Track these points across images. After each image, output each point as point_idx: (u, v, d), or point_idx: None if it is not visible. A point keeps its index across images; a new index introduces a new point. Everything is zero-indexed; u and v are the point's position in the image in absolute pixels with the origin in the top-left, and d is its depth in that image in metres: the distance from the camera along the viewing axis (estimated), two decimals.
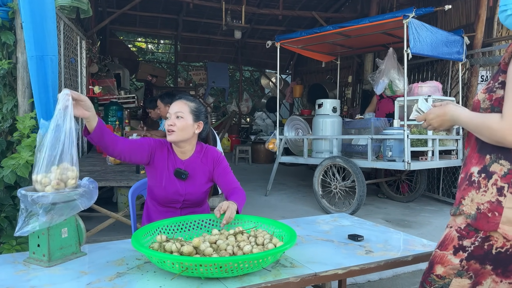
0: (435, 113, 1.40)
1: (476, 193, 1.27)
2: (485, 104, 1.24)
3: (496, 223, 1.21)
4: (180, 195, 2.00)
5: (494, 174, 1.24)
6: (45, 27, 2.39)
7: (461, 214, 1.31)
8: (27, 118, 2.38)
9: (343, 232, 2.00)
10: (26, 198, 1.50)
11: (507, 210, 1.20)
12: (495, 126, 1.18)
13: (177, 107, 1.99)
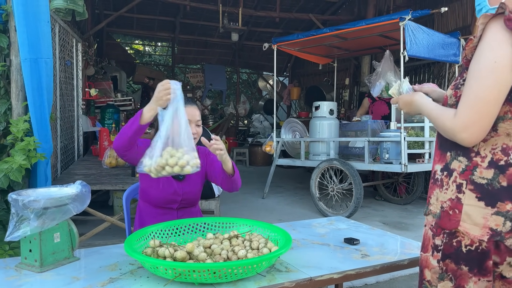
0: (404, 99, 1.42)
1: (439, 191, 1.27)
2: (452, 100, 1.24)
3: (457, 221, 1.20)
4: (178, 195, 1.98)
5: (454, 171, 1.24)
6: (39, 30, 2.38)
7: (430, 214, 1.31)
8: (21, 121, 2.36)
9: (339, 235, 1.98)
10: (17, 202, 1.48)
11: (466, 207, 1.19)
12: (448, 122, 1.18)
13: (197, 115, 1.99)
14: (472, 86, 1.12)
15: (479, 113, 1.11)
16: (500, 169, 1.15)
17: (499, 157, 1.16)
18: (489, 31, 1.11)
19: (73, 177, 3.39)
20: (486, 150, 1.18)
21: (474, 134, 1.14)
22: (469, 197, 1.19)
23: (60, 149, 3.90)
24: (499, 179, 1.15)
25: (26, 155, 2.28)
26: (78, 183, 1.67)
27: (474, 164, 1.19)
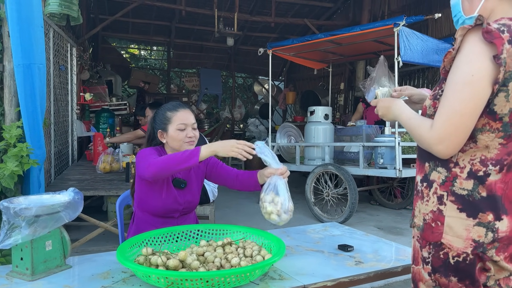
0: (383, 103, 1.39)
1: (421, 203, 1.26)
2: (430, 111, 1.23)
3: (439, 233, 1.19)
4: (179, 204, 1.96)
5: (433, 182, 1.22)
6: (33, 35, 2.37)
7: (414, 226, 1.29)
8: (14, 127, 2.34)
9: (333, 242, 1.98)
10: (8, 210, 1.47)
11: (448, 219, 1.17)
12: (425, 134, 1.18)
13: (191, 118, 1.98)
14: (449, 98, 1.12)
15: (455, 125, 1.11)
16: (479, 179, 1.14)
17: (477, 168, 1.15)
18: (467, 44, 1.11)
19: (67, 182, 3.37)
20: (465, 161, 1.17)
21: (449, 146, 1.13)
22: (450, 208, 1.17)
23: (54, 154, 3.87)
24: (479, 189, 1.14)
25: (18, 161, 2.26)
26: (71, 190, 1.66)
27: (454, 175, 1.18)
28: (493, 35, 1.06)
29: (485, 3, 1.19)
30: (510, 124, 1.12)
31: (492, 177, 1.14)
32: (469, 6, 1.23)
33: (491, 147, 1.14)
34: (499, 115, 1.11)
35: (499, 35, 1.06)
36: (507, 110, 1.10)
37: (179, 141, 1.93)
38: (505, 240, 1.14)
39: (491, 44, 1.07)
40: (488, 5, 1.19)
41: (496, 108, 1.10)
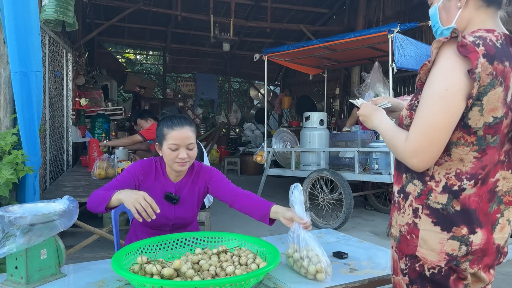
0: (364, 111, 1.38)
1: (398, 214, 1.26)
2: (407, 121, 1.22)
3: (414, 246, 1.19)
4: (169, 220, 1.95)
5: (409, 194, 1.22)
6: (29, 42, 2.38)
7: (391, 236, 1.30)
8: (9, 134, 2.34)
9: (328, 249, 1.98)
10: (3, 219, 1.47)
11: (423, 232, 1.17)
12: (400, 146, 1.18)
13: (187, 138, 1.87)
14: (423, 112, 1.12)
15: (429, 139, 1.10)
16: (453, 194, 1.14)
17: (453, 182, 1.14)
18: (442, 57, 1.10)
19: (62, 189, 3.36)
20: (441, 175, 1.16)
21: (423, 159, 1.13)
22: (425, 222, 1.17)
23: (49, 160, 3.87)
24: (453, 203, 1.14)
25: (13, 169, 2.26)
26: (66, 198, 1.66)
27: (429, 188, 1.17)
28: (468, 49, 1.06)
29: (462, 14, 1.19)
30: (485, 138, 1.11)
31: (466, 192, 1.13)
32: (446, 16, 1.23)
33: (466, 160, 1.13)
34: (474, 129, 1.10)
35: (474, 49, 1.06)
36: (482, 124, 1.10)
37: (169, 160, 1.87)
38: (479, 252, 1.15)
39: (465, 58, 1.06)
40: (465, 15, 1.19)
41: (470, 122, 1.10)
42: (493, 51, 1.07)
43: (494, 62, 1.06)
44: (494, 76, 1.06)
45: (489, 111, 1.08)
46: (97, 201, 1.69)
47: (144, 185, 1.93)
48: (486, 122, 1.09)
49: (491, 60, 1.06)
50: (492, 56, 1.06)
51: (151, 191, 1.92)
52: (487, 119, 1.09)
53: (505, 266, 3.79)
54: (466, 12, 1.18)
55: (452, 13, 1.21)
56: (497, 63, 1.07)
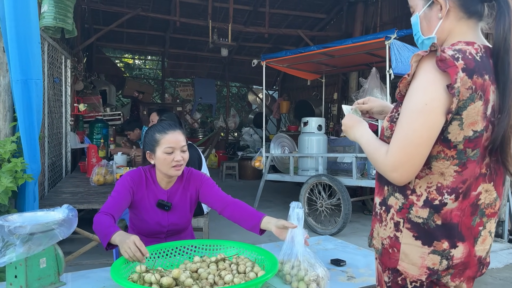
0: (347, 122, 1.38)
1: (379, 226, 1.25)
2: (388, 133, 1.21)
3: (396, 260, 1.18)
4: (163, 227, 1.96)
5: (391, 207, 1.21)
6: (30, 51, 2.40)
7: (373, 247, 1.29)
8: (8, 142, 2.35)
9: (326, 256, 2.00)
10: (3, 228, 1.48)
11: (404, 246, 1.17)
12: (380, 160, 1.17)
13: (181, 141, 1.92)
14: (403, 126, 1.11)
15: (409, 154, 1.10)
16: (434, 208, 1.13)
17: (434, 197, 1.13)
18: (422, 71, 1.09)
19: (60, 195, 3.37)
20: (422, 188, 1.15)
21: (404, 174, 1.12)
22: (406, 236, 1.16)
23: (47, 166, 3.87)
24: (434, 218, 1.13)
25: (12, 177, 2.27)
26: (65, 207, 1.67)
27: (410, 202, 1.16)
28: (447, 64, 1.04)
29: (443, 24, 1.18)
30: (465, 152, 1.10)
31: (448, 206, 1.12)
32: (427, 26, 1.22)
33: (446, 174, 1.12)
34: (454, 143, 1.10)
35: (453, 63, 1.05)
36: (461, 138, 1.09)
37: (166, 165, 1.89)
38: (460, 266, 1.15)
39: (445, 73, 1.05)
40: (446, 26, 1.18)
41: (450, 136, 1.09)
42: (473, 65, 1.07)
43: (474, 76, 1.05)
44: (473, 90, 1.05)
45: (469, 125, 1.08)
46: (100, 234, 1.70)
47: (137, 195, 1.95)
48: (466, 136, 1.09)
49: (471, 74, 1.05)
50: (472, 70, 1.06)
51: (144, 200, 1.95)
52: (467, 133, 1.08)
53: (502, 271, 3.81)
54: (447, 23, 1.17)
55: (433, 23, 1.20)
56: (476, 77, 1.06)
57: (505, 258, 4.13)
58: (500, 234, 4.87)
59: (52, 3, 3.75)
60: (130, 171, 2.02)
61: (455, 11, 1.16)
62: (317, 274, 1.52)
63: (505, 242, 4.65)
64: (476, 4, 1.15)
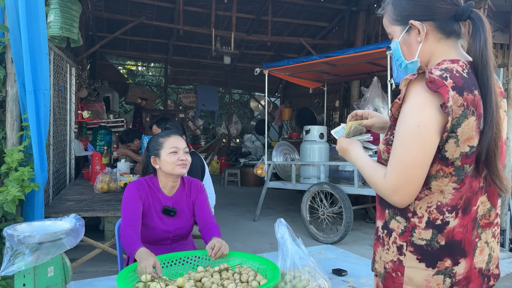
0: (342, 145, 1.38)
1: (382, 250, 1.24)
2: (385, 156, 1.21)
3: (400, 283, 1.18)
4: (169, 233, 2.02)
5: (393, 231, 1.20)
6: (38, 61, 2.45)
7: (375, 271, 1.29)
8: (15, 151, 2.40)
9: (327, 266, 2.03)
10: (12, 237, 1.51)
11: (408, 270, 1.16)
12: (379, 183, 1.17)
13: (183, 143, 2.08)
14: (398, 149, 1.12)
15: (406, 176, 1.10)
16: (437, 228, 1.14)
17: (435, 216, 1.14)
18: (411, 94, 1.11)
19: (65, 203, 3.41)
20: (422, 209, 1.15)
21: (404, 196, 1.13)
22: (410, 259, 1.16)
23: (52, 173, 3.91)
24: (437, 239, 1.14)
25: (20, 185, 2.31)
26: (72, 216, 1.71)
27: (413, 225, 1.16)
28: (437, 84, 1.06)
29: (423, 47, 1.19)
30: (463, 168, 1.12)
31: (450, 224, 1.13)
32: (408, 51, 1.23)
33: (446, 192, 1.13)
34: (451, 160, 1.11)
35: (443, 83, 1.06)
36: (458, 154, 1.10)
37: (171, 164, 2.00)
38: (463, 281, 1.15)
39: (436, 93, 1.06)
40: (427, 49, 1.20)
41: (447, 154, 1.10)
42: (461, 82, 1.08)
43: (464, 93, 1.07)
44: (465, 107, 1.07)
45: (465, 141, 1.09)
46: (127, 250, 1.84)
47: (145, 203, 2.02)
48: (463, 152, 1.10)
49: (461, 92, 1.07)
50: (461, 87, 1.07)
51: (150, 208, 2.02)
52: (464, 149, 1.10)
53: (504, 281, 3.82)
54: (427, 45, 1.19)
55: (413, 47, 1.21)
56: (466, 93, 1.08)
57: (507, 267, 4.14)
58: (501, 243, 4.89)
59: (59, 13, 3.80)
60: (132, 182, 2.09)
61: (433, 33, 1.18)
62: (318, 284, 1.55)
63: (507, 251, 4.66)
64: (452, 24, 1.17)
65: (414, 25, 1.18)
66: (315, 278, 1.57)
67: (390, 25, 1.26)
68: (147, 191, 2.04)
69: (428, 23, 1.17)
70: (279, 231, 1.70)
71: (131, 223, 1.90)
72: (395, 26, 1.24)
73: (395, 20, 1.24)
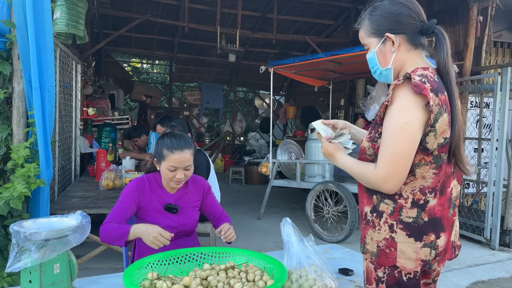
0: (327, 149, 1.53)
1: (373, 231, 1.40)
2: (370, 151, 1.39)
3: (393, 258, 1.35)
4: (173, 228, 2.02)
5: (383, 213, 1.37)
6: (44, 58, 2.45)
7: (367, 252, 1.42)
8: (22, 148, 2.40)
9: (333, 265, 2.01)
10: (18, 234, 1.51)
11: (400, 245, 1.34)
12: (371, 175, 1.34)
13: (186, 161, 1.97)
14: (388, 143, 1.30)
15: (397, 165, 1.29)
16: (421, 207, 1.33)
17: (418, 197, 1.34)
18: (397, 96, 1.29)
19: (70, 200, 3.41)
20: (407, 192, 1.34)
21: (395, 183, 1.31)
22: (400, 235, 1.34)
23: (57, 170, 3.92)
24: (421, 216, 1.33)
25: (26, 182, 2.31)
26: (78, 213, 1.70)
27: (400, 205, 1.35)
28: (420, 87, 1.25)
29: (396, 56, 1.39)
30: (440, 156, 1.33)
31: (430, 203, 1.34)
32: (383, 59, 1.43)
33: (427, 177, 1.33)
34: (431, 150, 1.31)
35: (424, 86, 1.26)
36: (436, 145, 1.30)
37: (166, 179, 2.00)
38: (442, 252, 1.37)
39: (420, 95, 1.25)
40: (399, 57, 1.40)
41: (428, 145, 1.30)
42: (436, 85, 1.29)
43: (438, 94, 1.28)
44: (440, 105, 1.28)
45: (441, 134, 1.30)
46: (114, 236, 1.85)
47: (143, 201, 2.03)
48: (439, 143, 1.30)
49: (436, 93, 1.27)
50: (436, 89, 1.28)
51: (150, 205, 2.03)
52: (440, 141, 1.30)
53: (509, 281, 3.79)
54: (399, 54, 1.39)
55: (388, 56, 1.41)
56: (440, 94, 1.28)
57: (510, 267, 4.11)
58: (507, 243, 4.85)
59: (65, 9, 3.81)
60: (134, 179, 2.09)
61: (405, 44, 1.39)
62: (325, 284, 1.54)
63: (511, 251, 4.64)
64: (420, 38, 1.39)
65: (389, 37, 1.38)
66: (321, 277, 1.56)
67: (367, 37, 1.45)
68: (147, 189, 2.05)
69: (401, 36, 1.38)
70: (284, 230, 1.69)
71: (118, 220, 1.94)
72: (372, 38, 1.43)
73: (371, 33, 1.43)
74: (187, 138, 2.04)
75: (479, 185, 5.44)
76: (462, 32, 5.62)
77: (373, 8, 1.44)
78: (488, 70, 5.52)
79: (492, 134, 4.79)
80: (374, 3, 1.45)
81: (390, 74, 1.43)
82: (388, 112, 1.31)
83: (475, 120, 5.63)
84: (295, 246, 1.64)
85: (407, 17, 1.38)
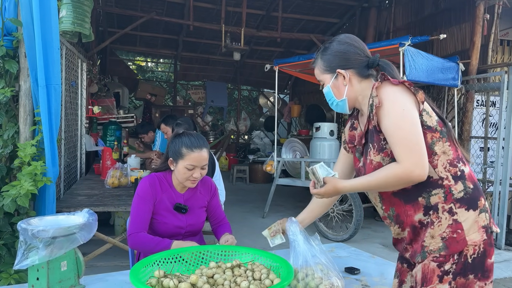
0: (327, 191, 1.54)
1: (431, 229, 1.41)
2: (386, 161, 1.44)
3: (463, 239, 1.37)
4: (181, 228, 2.03)
5: (438, 204, 1.41)
6: (50, 56, 2.46)
7: (430, 254, 1.41)
8: (28, 146, 2.41)
9: (339, 264, 2.00)
10: (26, 232, 1.52)
11: (464, 223, 1.38)
12: (399, 172, 1.36)
13: (204, 159, 2.00)
14: (398, 134, 1.37)
15: (415, 149, 1.35)
16: (461, 178, 1.41)
17: (454, 171, 1.41)
18: (383, 94, 1.40)
19: (76, 198, 3.42)
20: (442, 172, 1.41)
21: (423, 166, 1.35)
22: (461, 214, 1.39)
23: (63, 168, 3.94)
24: (467, 184, 1.41)
25: (32, 179, 2.32)
26: (85, 211, 1.71)
27: (447, 186, 1.40)
28: (397, 80, 1.41)
29: (349, 88, 1.53)
30: (441, 131, 1.43)
31: (465, 170, 1.43)
32: (337, 92, 1.56)
33: (447, 151, 1.42)
34: (433, 127, 1.42)
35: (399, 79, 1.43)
36: (435, 121, 1.42)
37: (183, 178, 2.00)
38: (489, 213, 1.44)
39: (400, 84, 1.40)
40: (351, 89, 1.54)
41: (428, 123, 1.41)
42: None
43: None
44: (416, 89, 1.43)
45: (431, 113, 1.43)
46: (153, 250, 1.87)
47: (156, 199, 2.04)
48: (436, 119, 1.43)
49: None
50: None
51: (161, 204, 2.04)
52: (434, 117, 1.43)
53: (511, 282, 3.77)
54: (352, 86, 1.54)
55: (341, 89, 1.55)
56: None
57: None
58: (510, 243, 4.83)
59: (71, 8, 3.81)
60: (145, 177, 2.08)
61: (355, 77, 1.53)
62: (331, 283, 1.53)
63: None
64: (367, 70, 1.53)
65: (340, 73, 1.53)
66: (328, 276, 1.55)
67: (321, 74, 1.58)
68: (159, 188, 2.05)
69: (350, 71, 1.53)
70: (290, 229, 1.69)
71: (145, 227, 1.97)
72: (326, 74, 1.57)
73: (325, 70, 1.56)
74: (203, 137, 2.07)
75: (485, 184, 5.41)
76: (469, 30, 5.59)
77: (324, 48, 1.58)
78: (494, 68, 5.48)
79: (499, 133, 4.76)
80: (325, 44, 1.60)
81: (345, 105, 1.56)
82: (382, 111, 1.40)
83: (481, 119, 5.60)
84: (301, 244, 1.64)
85: (354, 54, 1.53)
